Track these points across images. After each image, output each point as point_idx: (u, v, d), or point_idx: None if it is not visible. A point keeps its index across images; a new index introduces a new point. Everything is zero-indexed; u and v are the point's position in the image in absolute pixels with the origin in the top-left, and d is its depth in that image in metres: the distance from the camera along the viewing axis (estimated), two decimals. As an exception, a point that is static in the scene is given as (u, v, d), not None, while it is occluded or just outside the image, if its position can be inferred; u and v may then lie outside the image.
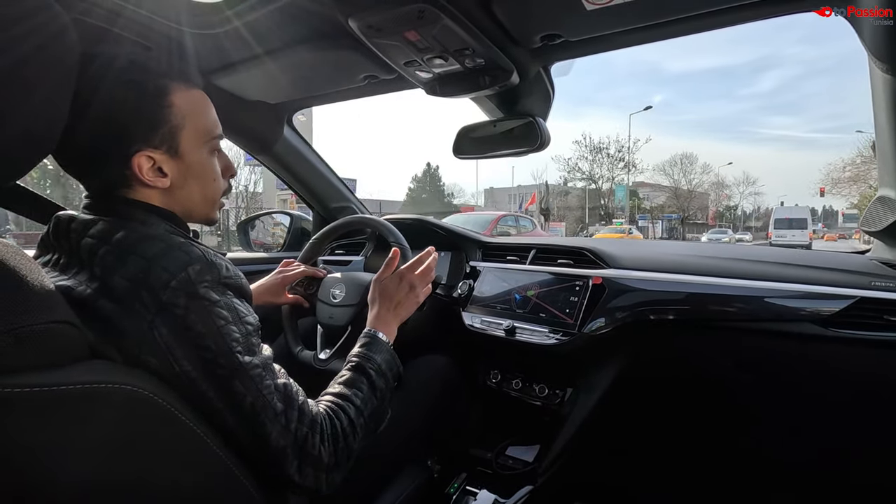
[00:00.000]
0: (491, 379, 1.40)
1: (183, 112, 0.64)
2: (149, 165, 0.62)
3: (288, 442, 0.59)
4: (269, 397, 0.59)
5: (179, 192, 0.66)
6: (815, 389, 1.05)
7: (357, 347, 0.80)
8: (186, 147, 0.65)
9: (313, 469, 0.61)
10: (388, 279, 0.92)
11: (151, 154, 0.62)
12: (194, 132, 0.65)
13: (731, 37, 22.96)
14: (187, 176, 0.66)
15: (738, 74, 71.51)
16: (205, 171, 0.68)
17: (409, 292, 0.91)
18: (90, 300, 0.54)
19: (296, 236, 1.84)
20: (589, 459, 1.28)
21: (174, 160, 0.64)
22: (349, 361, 0.77)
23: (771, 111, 72.87)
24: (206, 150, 0.68)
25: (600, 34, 0.91)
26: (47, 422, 0.45)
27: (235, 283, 0.62)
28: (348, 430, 0.67)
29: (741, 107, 70.69)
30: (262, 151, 1.50)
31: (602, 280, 1.18)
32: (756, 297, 1.02)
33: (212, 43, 0.96)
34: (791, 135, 72.20)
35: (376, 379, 0.75)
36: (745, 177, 54.83)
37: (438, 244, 1.56)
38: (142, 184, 0.63)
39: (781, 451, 1.15)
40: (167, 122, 0.62)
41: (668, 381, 1.20)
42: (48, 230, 0.65)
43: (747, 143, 68.06)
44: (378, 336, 0.82)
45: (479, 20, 0.85)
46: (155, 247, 0.57)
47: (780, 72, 68.84)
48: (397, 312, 0.89)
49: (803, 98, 71.72)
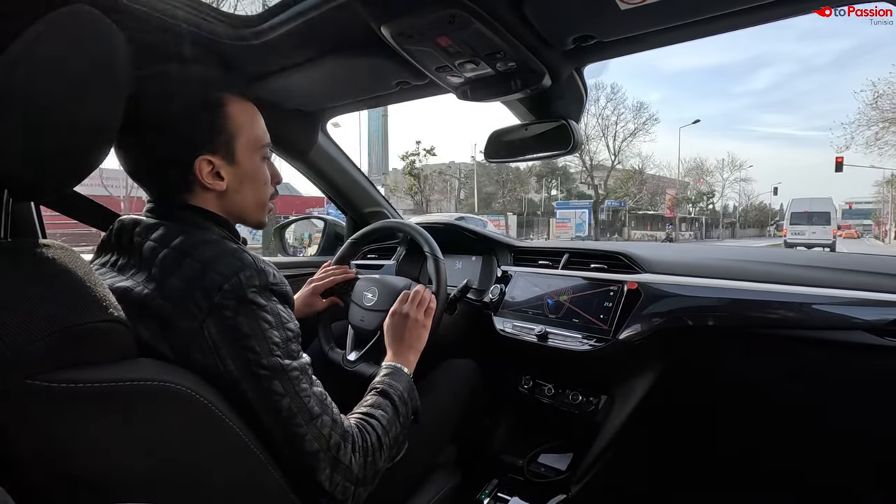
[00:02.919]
0: (523, 385, 1.38)
1: (238, 122, 0.68)
2: (209, 169, 0.67)
3: (322, 446, 0.61)
4: (306, 400, 0.61)
5: (235, 195, 0.70)
6: (869, 402, 0.99)
7: (380, 376, 0.82)
8: (241, 154, 0.69)
9: (343, 478, 0.63)
10: (397, 319, 0.96)
11: (211, 159, 0.67)
12: (247, 140, 0.70)
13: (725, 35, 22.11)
14: (242, 181, 0.71)
15: (733, 72, 69.34)
16: (257, 177, 0.73)
17: (414, 326, 0.95)
18: (148, 300, 0.58)
19: (330, 240, 1.87)
20: (624, 469, 1.24)
21: (231, 166, 0.69)
22: (373, 388, 0.79)
23: (765, 109, 70.30)
24: (258, 157, 0.72)
25: (634, 34, 0.89)
26: (96, 416, 0.47)
27: (281, 290, 0.64)
28: (376, 446, 0.68)
29: (736, 104, 68.49)
30: (298, 158, 1.54)
31: (637, 285, 1.15)
32: (803, 304, 0.98)
33: (249, 54, 1.00)
34: (786, 132, 69.27)
35: (399, 405, 0.77)
36: (730, 159, 44.92)
37: (469, 248, 1.56)
38: (202, 187, 0.67)
39: (833, 468, 1.09)
40: (224, 131, 0.67)
41: (708, 390, 1.16)
42: (110, 233, 0.69)
43: (743, 141, 65.71)
44: (399, 368, 0.85)
45: (511, 23, 0.85)
46: (209, 251, 0.60)
47: (774, 70, 66.45)
48: (411, 345, 0.93)
49: (797, 96, 68.99)
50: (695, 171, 38.41)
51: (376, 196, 1.77)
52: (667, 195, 33.83)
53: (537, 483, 1.23)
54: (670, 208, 34.08)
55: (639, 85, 63.83)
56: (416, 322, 0.95)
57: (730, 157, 50.20)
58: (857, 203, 33.27)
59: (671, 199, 33.98)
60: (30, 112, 0.48)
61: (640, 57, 26.14)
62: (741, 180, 41.26)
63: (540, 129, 1.22)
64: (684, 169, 37.30)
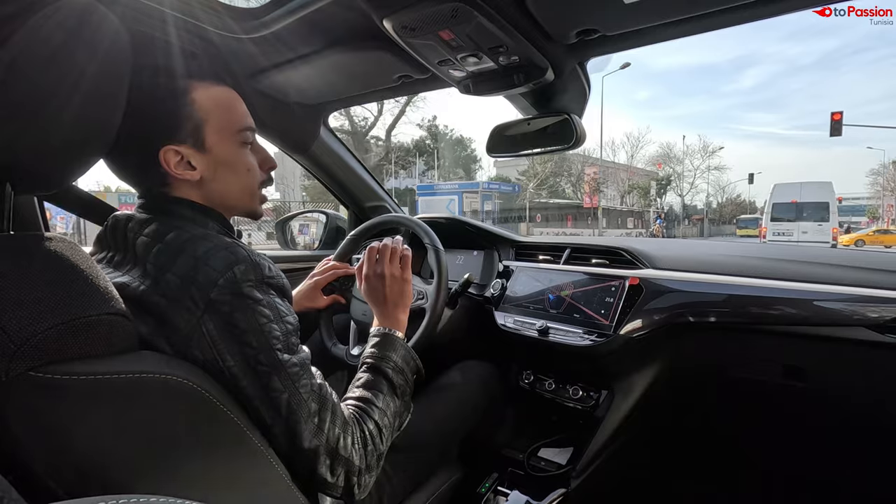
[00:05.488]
0: (523, 379, 1.39)
1: (205, 108, 0.66)
2: (176, 160, 0.65)
3: (321, 442, 0.61)
4: (305, 396, 0.61)
5: (212, 184, 0.68)
6: (871, 398, 0.99)
7: (369, 348, 0.79)
8: (212, 141, 0.67)
9: (345, 470, 0.63)
10: (373, 282, 0.91)
11: (177, 149, 0.65)
12: (218, 126, 0.68)
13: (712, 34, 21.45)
14: (217, 168, 0.68)
15: (721, 71, 69.14)
16: (236, 164, 0.70)
17: (394, 282, 0.90)
18: (144, 296, 0.58)
19: (331, 234, 1.87)
20: (624, 464, 1.25)
21: (202, 154, 0.67)
22: (363, 363, 0.77)
23: (753, 108, 70.06)
24: (234, 143, 0.70)
25: (638, 28, 0.88)
26: (98, 408, 0.47)
27: (277, 283, 0.64)
28: (374, 433, 0.68)
29: (724, 103, 68.30)
30: (299, 151, 1.53)
31: (639, 281, 1.15)
32: (804, 301, 0.98)
33: (250, 47, 0.99)
34: (772, 131, 69.00)
35: (394, 377, 0.76)
36: (701, 144, 35.17)
37: (471, 243, 1.56)
38: (175, 178, 0.66)
39: (834, 464, 1.09)
40: (190, 119, 0.65)
41: (708, 386, 1.16)
42: (105, 229, 0.69)
43: (732, 139, 65.44)
44: (389, 333, 0.82)
45: (513, 17, 0.84)
46: (204, 246, 0.59)
47: (761, 69, 66.22)
48: (396, 303, 0.88)
49: (783, 95, 68.85)
50: (658, 159, 32.45)
51: (378, 190, 1.77)
52: (586, 175, 24.97)
53: (537, 477, 1.24)
54: (590, 193, 25.40)
55: (626, 82, 63.65)
56: (394, 278, 0.90)
57: (701, 142, 41.99)
58: (848, 198, 28.76)
59: (591, 180, 25.14)
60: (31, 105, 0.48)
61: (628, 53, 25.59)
62: (714, 168, 33.27)
63: (542, 123, 1.21)
64: (647, 158, 31.75)
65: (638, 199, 31.10)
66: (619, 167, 31.00)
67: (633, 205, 31.04)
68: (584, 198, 24.84)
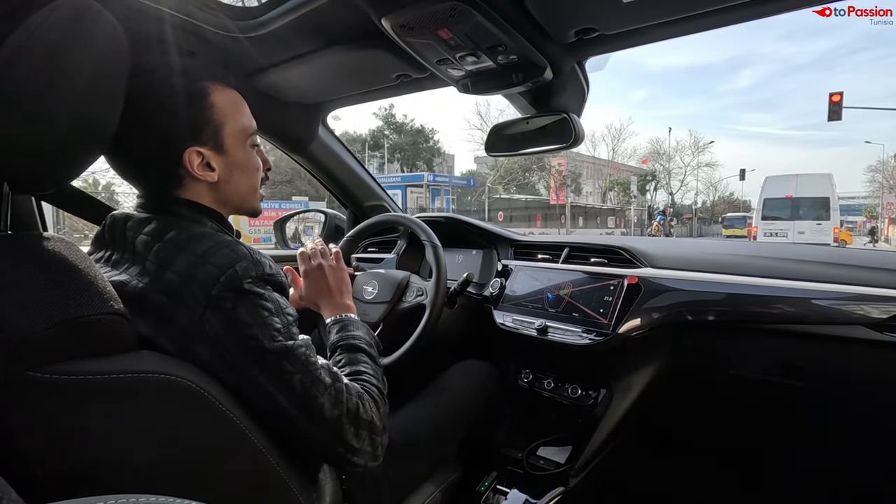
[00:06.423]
0: (522, 378, 1.39)
1: (223, 110, 0.68)
2: (199, 161, 0.66)
3: (342, 410, 0.62)
4: (317, 372, 0.62)
5: (226, 185, 0.70)
6: (869, 397, 0.99)
7: (334, 335, 0.80)
8: (230, 143, 0.69)
9: (369, 433, 0.65)
10: (312, 275, 0.92)
11: (201, 150, 0.66)
12: (235, 128, 0.69)
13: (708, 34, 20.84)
14: (233, 169, 0.70)
15: (717, 71, 69.10)
16: (248, 165, 0.72)
17: (331, 272, 0.91)
18: (144, 294, 0.58)
19: (330, 234, 1.87)
20: (623, 463, 1.25)
21: (220, 156, 0.68)
22: (335, 348, 0.78)
23: (748, 108, 69.93)
24: (247, 145, 0.72)
25: (636, 27, 0.88)
26: (97, 408, 0.47)
27: (277, 280, 0.65)
28: (379, 396, 0.70)
29: (720, 103, 68.24)
30: (298, 151, 1.53)
31: (638, 279, 1.15)
32: (802, 299, 0.98)
33: (249, 46, 0.99)
34: (768, 131, 68.83)
35: (370, 350, 0.78)
36: (691, 139, 33.73)
37: (470, 242, 1.56)
38: (193, 179, 0.67)
39: (831, 462, 1.10)
40: (211, 121, 0.66)
41: (707, 385, 1.16)
42: (103, 228, 0.69)
43: (728, 139, 65.43)
44: (346, 318, 0.83)
45: (512, 16, 0.84)
46: (204, 244, 0.60)
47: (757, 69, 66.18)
48: (341, 290, 0.90)
49: (779, 95, 68.74)
50: (646, 155, 30.20)
51: (377, 190, 1.77)
52: (552, 168, 21.80)
53: (536, 475, 1.24)
54: (556, 188, 22.44)
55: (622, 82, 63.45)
56: (332, 267, 0.92)
57: (692, 137, 38.45)
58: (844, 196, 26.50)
59: (557, 173, 22.21)
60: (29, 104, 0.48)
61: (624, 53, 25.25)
62: (705, 165, 31.16)
63: (541, 122, 1.21)
64: (636, 153, 29.23)
65: (619, 195, 29.08)
66: (601, 162, 29.47)
67: (617, 203, 29.10)
68: (550, 193, 22.10)
